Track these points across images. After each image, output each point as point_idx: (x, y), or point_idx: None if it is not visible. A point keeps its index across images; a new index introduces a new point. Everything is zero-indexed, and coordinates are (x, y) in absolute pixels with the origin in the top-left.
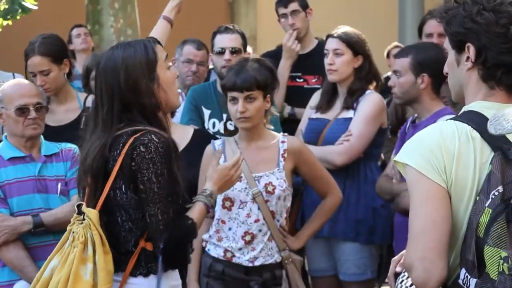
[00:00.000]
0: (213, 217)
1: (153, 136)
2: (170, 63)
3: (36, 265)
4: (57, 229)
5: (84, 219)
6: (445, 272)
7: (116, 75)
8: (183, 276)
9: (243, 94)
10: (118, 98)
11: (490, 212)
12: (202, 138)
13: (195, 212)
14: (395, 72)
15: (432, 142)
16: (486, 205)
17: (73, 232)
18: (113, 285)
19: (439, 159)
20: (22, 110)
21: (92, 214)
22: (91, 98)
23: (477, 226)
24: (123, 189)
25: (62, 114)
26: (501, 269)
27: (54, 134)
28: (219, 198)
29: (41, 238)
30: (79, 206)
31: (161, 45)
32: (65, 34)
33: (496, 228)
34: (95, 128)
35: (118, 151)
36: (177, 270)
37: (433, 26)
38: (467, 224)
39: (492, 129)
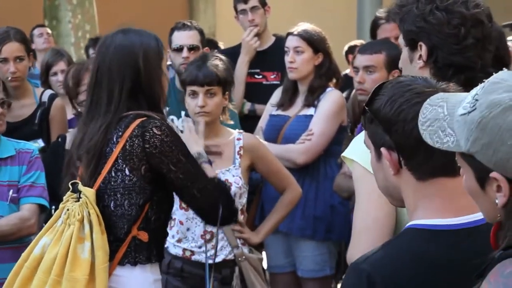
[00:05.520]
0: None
1: (162, 121)
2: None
3: None
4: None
5: (79, 198)
6: None
7: (135, 56)
8: None
9: (204, 89)
10: (129, 80)
11: None
12: None
13: (209, 173)
14: (366, 68)
15: None
16: None
17: (67, 210)
18: None
19: None
20: None
21: (89, 192)
22: (47, 93)
23: None
24: (127, 171)
25: (18, 109)
26: None
27: (11, 130)
28: (177, 199)
29: None
30: (74, 184)
31: None
32: (23, 29)
33: None
34: (95, 110)
35: (120, 133)
36: (157, 265)
37: (388, 30)
38: None
39: (427, 137)
